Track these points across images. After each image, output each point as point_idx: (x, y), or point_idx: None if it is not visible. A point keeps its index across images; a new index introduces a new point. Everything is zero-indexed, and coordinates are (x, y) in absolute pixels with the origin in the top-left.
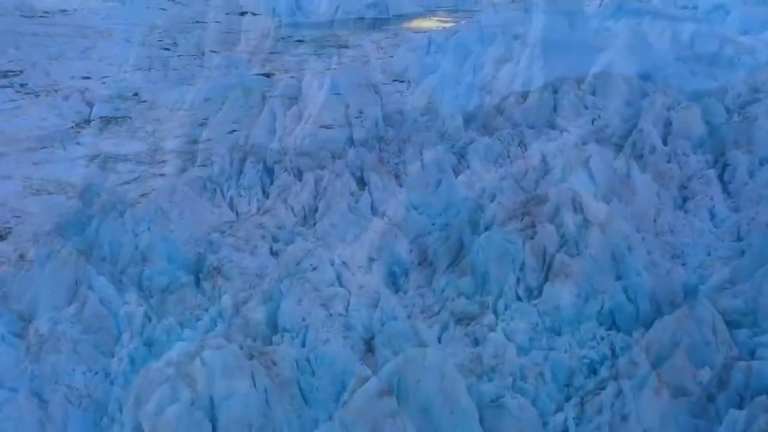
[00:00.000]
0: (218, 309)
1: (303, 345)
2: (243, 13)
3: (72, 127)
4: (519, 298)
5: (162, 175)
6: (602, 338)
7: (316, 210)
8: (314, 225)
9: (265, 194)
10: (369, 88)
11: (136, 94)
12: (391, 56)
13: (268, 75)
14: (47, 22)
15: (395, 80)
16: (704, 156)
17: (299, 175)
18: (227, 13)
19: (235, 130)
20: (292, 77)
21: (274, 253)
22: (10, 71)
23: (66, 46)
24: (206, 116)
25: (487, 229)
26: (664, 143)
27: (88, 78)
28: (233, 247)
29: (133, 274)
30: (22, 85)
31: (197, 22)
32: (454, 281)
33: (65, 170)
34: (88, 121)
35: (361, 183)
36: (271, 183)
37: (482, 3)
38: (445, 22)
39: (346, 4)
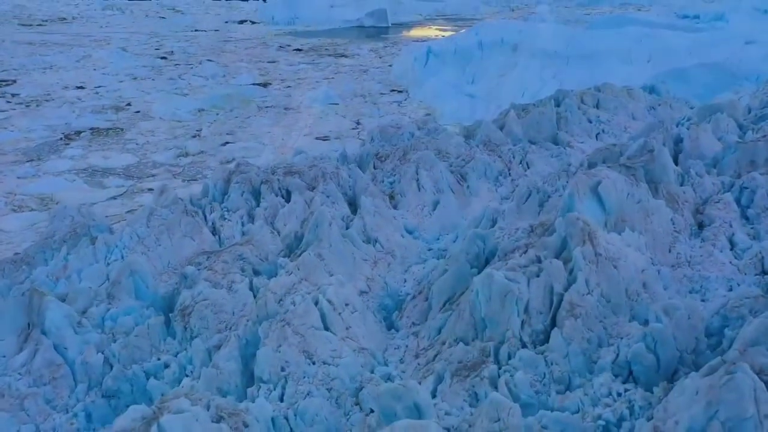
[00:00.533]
0: (188, 355)
1: (281, 399)
2: (242, 22)
3: (61, 138)
4: (524, 344)
5: (150, 189)
6: (619, 394)
7: (302, 238)
8: (300, 255)
9: (251, 217)
10: (366, 98)
11: (129, 104)
12: (390, 65)
13: (264, 85)
14: (45, 31)
15: (393, 90)
16: (719, 177)
17: (288, 195)
18: (226, 22)
19: (228, 143)
20: (289, 87)
21: (254, 289)
22: (3, 81)
23: (61, 55)
24: (200, 127)
25: (487, 261)
26: (675, 162)
27: (81, 88)
28: (209, 282)
29: (97, 314)
30: (13, 95)
31: (195, 30)
32: (451, 325)
33: (50, 185)
34: (78, 133)
35: (354, 204)
36: (258, 205)
37: (481, 11)
38: (445, 30)
39: (346, 13)
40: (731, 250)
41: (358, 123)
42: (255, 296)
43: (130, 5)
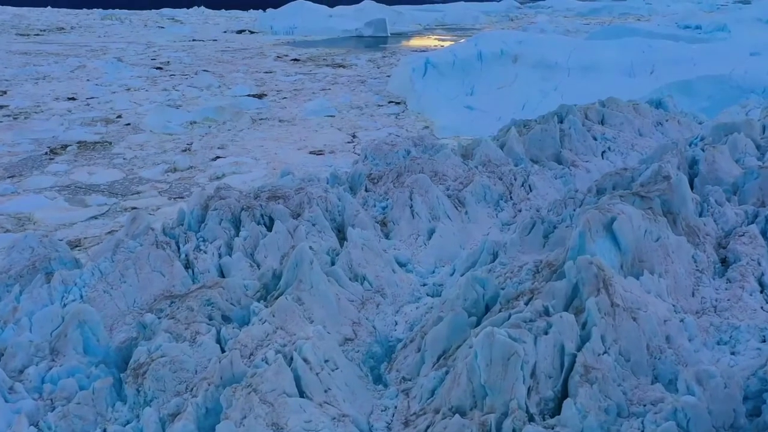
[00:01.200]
0: (138, 427)
1: None
2: (240, 31)
3: (46, 153)
4: (531, 416)
5: (134, 208)
6: None
7: (281, 276)
8: (277, 297)
9: (230, 248)
10: (363, 110)
11: (120, 117)
12: (388, 76)
13: (259, 96)
14: (42, 40)
15: (391, 101)
16: (741, 207)
17: (271, 223)
18: (224, 31)
19: (219, 157)
20: (284, 98)
21: (222, 341)
22: None
23: (56, 65)
24: (191, 141)
25: (487, 308)
26: (690, 187)
27: (73, 99)
28: (170, 333)
29: (35, 375)
30: (1, 107)
31: (193, 40)
32: (446, 389)
33: (29, 203)
34: (64, 147)
35: (343, 231)
36: (237, 234)
37: (481, 21)
38: (444, 40)
39: (345, 23)
40: (761, 293)
41: (354, 136)
42: (223, 350)
43: (130, 15)
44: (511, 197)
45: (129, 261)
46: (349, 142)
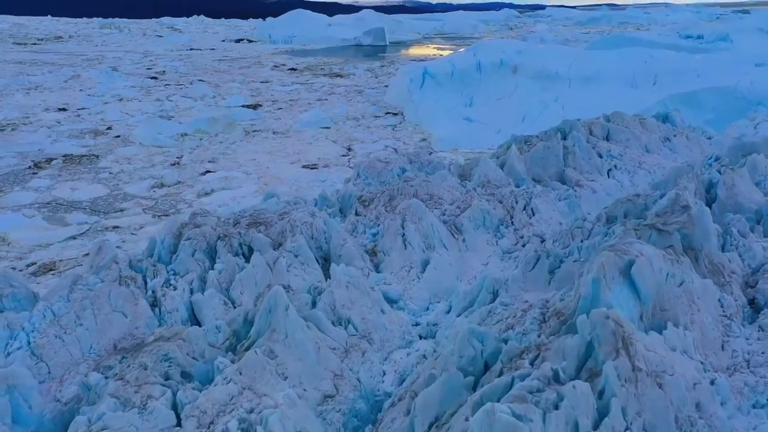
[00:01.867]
0: None
1: None
2: (239, 40)
3: (30, 167)
4: None
5: (116, 228)
6: None
7: (253, 321)
8: (247, 348)
9: (203, 282)
10: (359, 121)
11: (110, 128)
12: (386, 86)
13: (254, 107)
14: (38, 49)
15: (388, 112)
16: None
17: (250, 252)
18: (223, 40)
19: (209, 171)
20: (280, 109)
21: (177, 406)
22: None
23: (50, 75)
24: (181, 154)
25: (486, 366)
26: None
27: (63, 110)
28: (117, 398)
29: None
30: None
31: (191, 49)
32: None
33: (5, 222)
34: (49, 161)
35: (328, 261)
36: (212, 266)
37: (480, 30)
38: (443, 49)
39: (344, 32)
40: None
41: (349, 149)
42: (178, 417)
43: (129, 24)
44: (512, 222)
45: (87, 300)
46: (344, 155)
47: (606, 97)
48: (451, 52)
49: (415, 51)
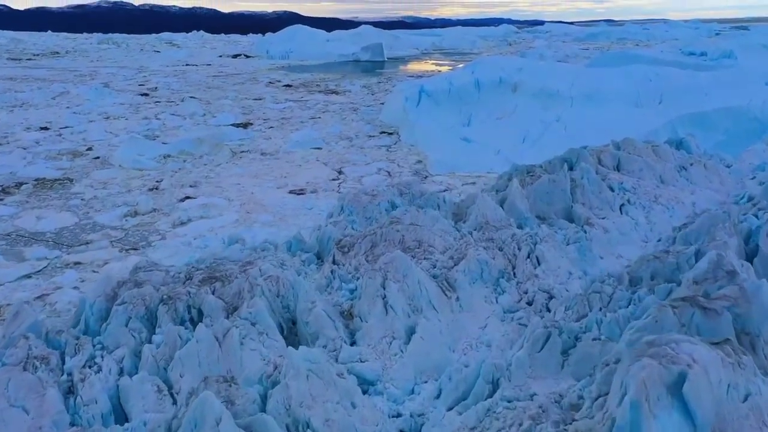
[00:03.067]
0: None
1: None
2: (236, 56)
3: None
4: None
5: (77, 264)
6: None
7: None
8: None
9: (137, 358)
10: (353, 141)
11: (90, 149)
12: (382, 103)
13: (244, 125)
14: (32, 65)
15: (383, 132)
16: None
17: (199, 317)
18: (220, 56)
19: (188, 197)
20: (271, 127)
21: None
22: None
23: (39, 92)
24: (161, 178)
25: None
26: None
27: (45, 128)
28: None
29: None
30: None
31: (187, 64)
32: None
33: None
34: (19, 185)
35: (294, 328)
36: (149, 339)
37: (479, 46)
38: (441, 64)
39: (342, 47)
40: None
41: (340, 172)
42: None
43: (128, 39)
44: (514, 274)
45: None
46: (334, 179)
47: (610, 116)
48: (450, 68)
49: (414, 66)
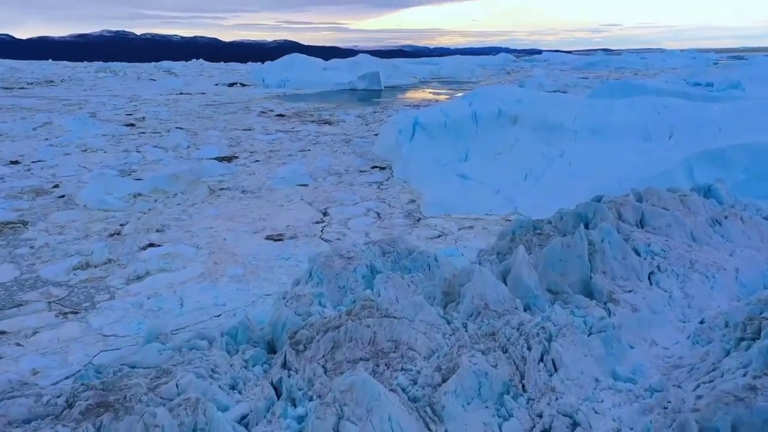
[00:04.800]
0: None
1: None
2: (232, 84)
3: None
4: None
5: (3, 333)
6: None
7: None
8: None
9: None
10: (342, 177)
11: (57, 186)
12: (376, 134)
13: (229, 159)
14: (24, 94)
15: (375, 166)
16: None
17: None
18: (216, 84)
19: (152, 245)
20: (256, 161)
21: None
22: None
23: (21, 122)
24: (126, 220)
25: None
26: None
27: (16, 162)
28: None
29: None
30: None
31: (180, 93)
32: None
33: None
34: None
35: None
36: None
37: (477, 74)
38: (439, 93)
39: (339, 76)
40: None
41: (325, 214)
42: None
43: (127, 67)
44: (523, 386)
45: None
46: (317, 222)
47: (617, 152)
48: (448, 96)
49: (411, 95)
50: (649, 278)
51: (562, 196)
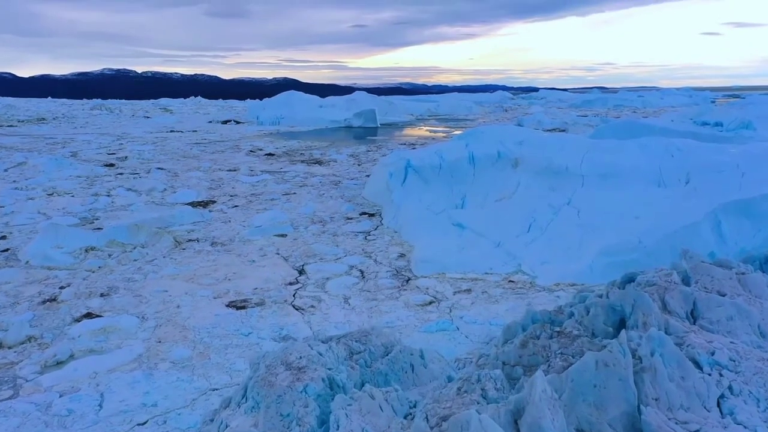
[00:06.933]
0: None
1: None
2: (226, 122)
3: None
4: None
5: None
6: None
7: None
8: None
9: None
10: (326, 225)
11: (4, 238)
12: (368, 175)
13: (205, 204)
14: (8, 132)
15: (364, 212)
16: None
17: None
18: (209, 121)
19: (89, 314)
20: (235, 206)
21: None
22: None
23: None
24: (68, 281)
25: None
26: None
27: None
28: None
29: None
30: None
31: (171, 131)
32: None
33: None
34: None
35: None
36: None
37: (474, 112)
38: (436, 131)
39: (334, 113)
40: None
41: (301, 272)
42: None
43: (123, 104)
44: None
45: None
46: (291, 284)
47: (630, 199)
48: (445, 134)
49: (407, 133)
50: (718, 406)
51: (572, 251)
